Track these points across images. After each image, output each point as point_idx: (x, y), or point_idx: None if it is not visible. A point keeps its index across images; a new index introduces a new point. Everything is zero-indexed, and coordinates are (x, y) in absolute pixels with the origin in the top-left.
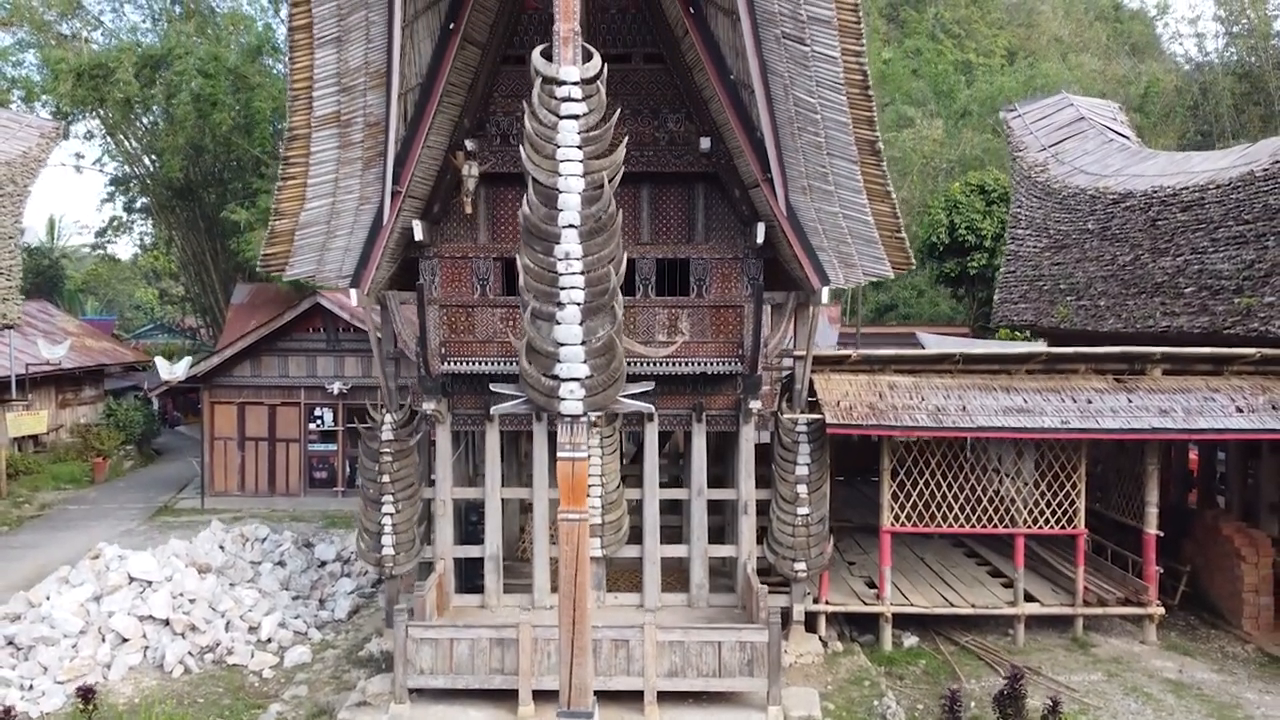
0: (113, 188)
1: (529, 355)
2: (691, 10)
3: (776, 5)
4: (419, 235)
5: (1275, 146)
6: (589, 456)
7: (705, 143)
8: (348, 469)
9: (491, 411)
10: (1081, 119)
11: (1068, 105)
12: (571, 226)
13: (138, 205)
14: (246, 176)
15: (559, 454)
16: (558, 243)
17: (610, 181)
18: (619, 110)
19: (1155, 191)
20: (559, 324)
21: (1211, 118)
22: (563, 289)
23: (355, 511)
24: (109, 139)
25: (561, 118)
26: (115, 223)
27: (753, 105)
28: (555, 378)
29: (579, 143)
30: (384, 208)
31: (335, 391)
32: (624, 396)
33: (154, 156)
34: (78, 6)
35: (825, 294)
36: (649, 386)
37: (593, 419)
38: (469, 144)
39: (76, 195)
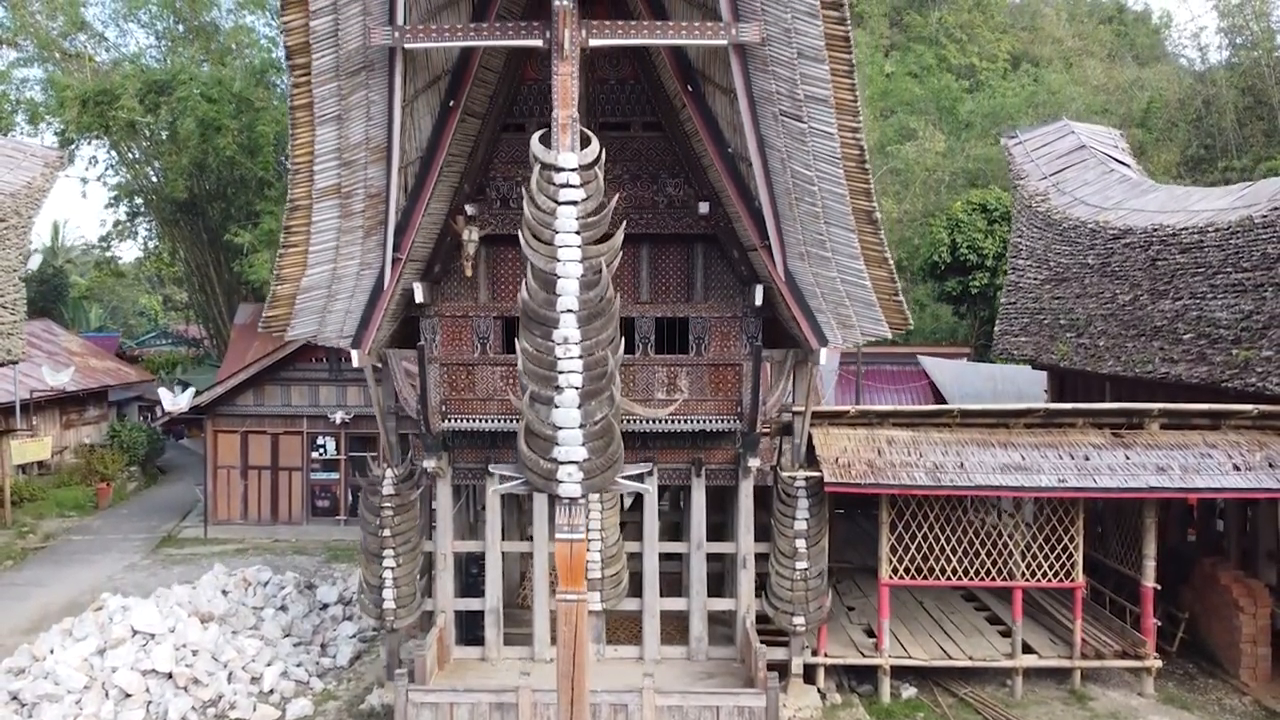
0: (116, 192)
1: (527, 438)
2: (689, 88)
3: (774, 85)
4: (420, 297)
5: (1274, 190)
6: (587, 537)
7: (704, 207)
8: (350, 497)
9: (492, 489)
10: (1082, 147)
11: (1069, 133)
12: (570, 311)
13: (141, 209)
14: (249, 195)
15: (557, 535)
16: (556, 327)
17: (608, 266)
18: (618, 175)
19: (1155, 230)
20: (557, 407)
21: (1215, 130)
22: (561, 373)
23: (357, 543)
24: (113, 152)
25: (560, 204)
26: (119, 227)
27: (750, 177)
28: (554, 460)
29: (577, 228)
30: (385, 273)
31: (338, 421)
32: (622, 478)
33: (157, 165)
34: (82, 25)
35: (824, 354)
36: (647, 468)
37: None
38: (469, 208)
39: (78, 196)
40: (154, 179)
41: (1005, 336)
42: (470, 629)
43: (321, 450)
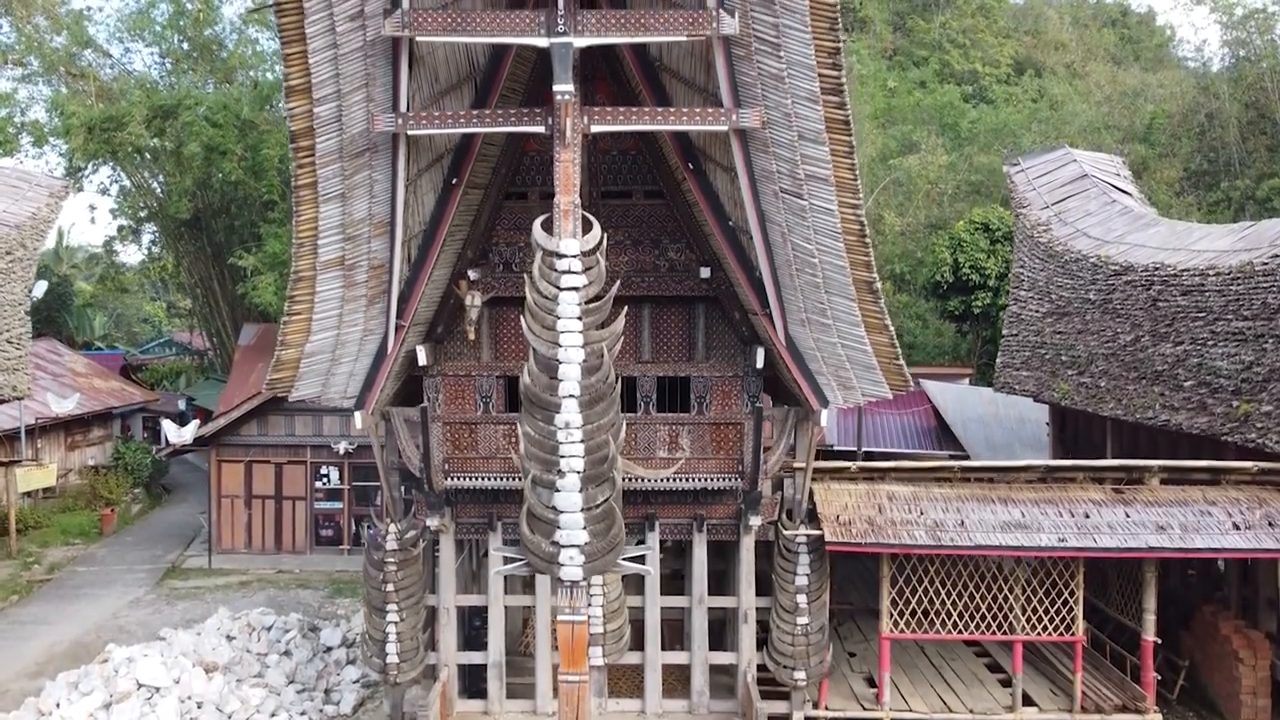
0: (120, 207)
1: (529, 520)
2: (690, 165)
3: (774, 165)
4: (423, 360)
5: (1275, 234)
6: (589, 618)
7: (705, 271)
8: (353, 527)
9: (495, 569)
10: (1084, 176)
11: (1070, 161)
12: (572, 397)
13: (145, 218)
14: (253, 213)
15: (559, 617)
16: (558, 412)
17: (610, 351)
18: (620, 240)
19: (1156, 269)
20: (559, 491)
21: (1218, 144)
22: (562, 457)
23: (360, 574)
24: (118, 169)
25: (562, 290)
26: (123, 232)
27: (751, 248)
28: (555, 544)
29: (579, 314)
30: (388, 339)
31: (341, 451)
32: (623, 559)
33: (161, 179)
34: (87, 42)
35: (824, 415)
36: (650, 549)
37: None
38: (472, 273)
39: (83, 203)
40: (159, 192)
41: (1007, 370)
42: (473, 681)
43: (325, 480)
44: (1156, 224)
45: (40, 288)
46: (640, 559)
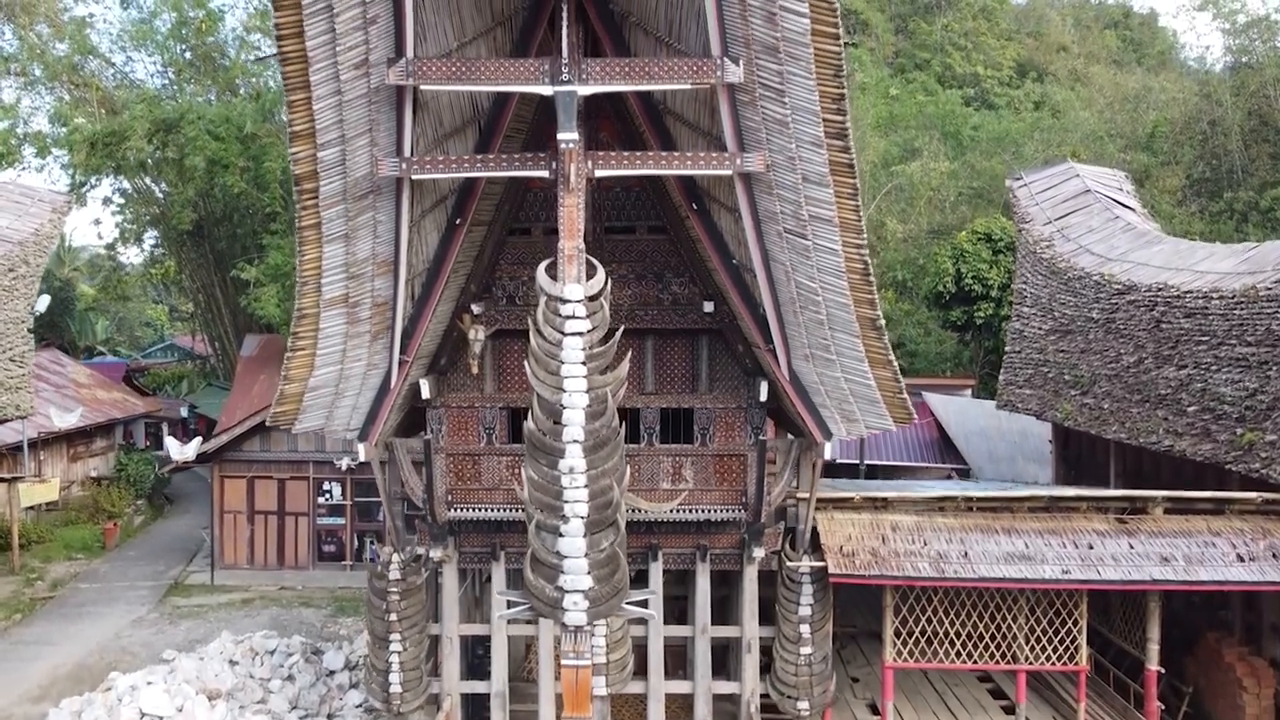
0: (124, 214)
1: (533, 565)
2: (694, 205)
3: (778, 206)
4: (426, 393)
5: (1278, 257)
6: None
7: (708, 305)
8: (356, 542)
9: (498, 614)
10: (1087, 191)
11: (1073, 175)
12: (576, 442)
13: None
14: (255, 223)
15: (563, 661)
16: (562, 457)
17: (614, 396)
18: (624, 274)
19: (1160, 289)
20: (563, 536)
21: (1221, 152)
22: (566, 503)
23: (363, 592)
24: (120, 177)
25: (566, 335)
26: (125, 234)
27: (755, 285)
28: (560, 589)
29: (583, 359)
30: (391, 373)
31: (344, 467)
32: (628, 604)
33: (163, 186)
34: (90, 50)
35: (828, 448)
36: (654, 593)
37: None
38: (475, 307)
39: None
40: (160, 199)
41: (1010, 388)
42: (477, 710)
43: (328, 495)
44: (1160, 242)
45: (43, 302)
46: (643, 603)
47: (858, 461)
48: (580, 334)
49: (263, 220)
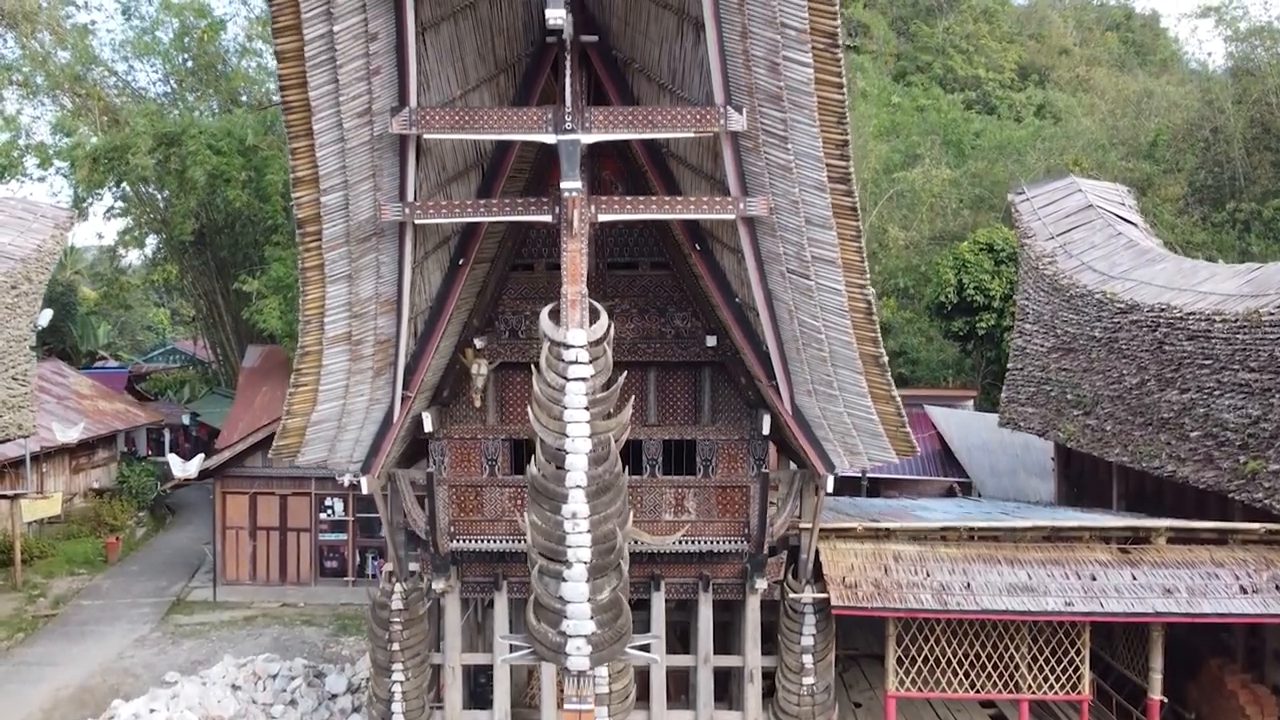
0: (126, 210)
1: (536, 610)
2: (697, 246)
3: (781, 248)
4: (429, 426)
5: None
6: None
7: (711, 340)
8: (358, 558)
9: (501, 658)
10: (1089, 206)
11: (1076, 190)
12: (579, 487)
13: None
14: (256, 233)
15: (565, 705)
16: (565, 502)
17: (617, 441)
18: (626, 309)
19: (1163, 310)
20: (566, 581)
21: (1223, 160)
22: (569, 548)
23: (366, 609)
24: (122, 185)
25: (569, 380)
26: (127, 237)
27: (757, 322)
28: (562, 634)
29: (586, 404)
30: (394, 408)
31: (346, 483)
32: (630, 648)
33: (165, 194)
34: (92, 59)
35: (830, 481)
36: (656, 638)
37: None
38: (478, 342)
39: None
40: (162, 205)
41: (1012, 405)
42: None
43: (330, 511)
44: (1162, 259)
45: (46, 316)
46: (646, 647)
47: (860, 475)
48: (583, 379)
49: (265, 231)
